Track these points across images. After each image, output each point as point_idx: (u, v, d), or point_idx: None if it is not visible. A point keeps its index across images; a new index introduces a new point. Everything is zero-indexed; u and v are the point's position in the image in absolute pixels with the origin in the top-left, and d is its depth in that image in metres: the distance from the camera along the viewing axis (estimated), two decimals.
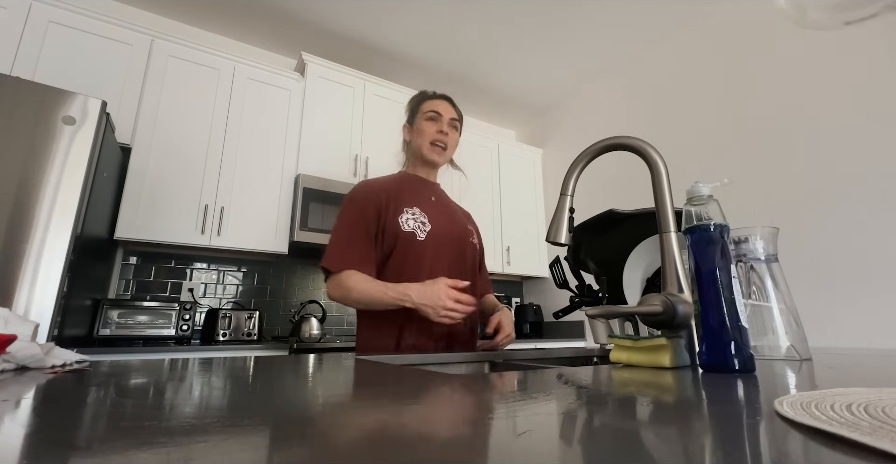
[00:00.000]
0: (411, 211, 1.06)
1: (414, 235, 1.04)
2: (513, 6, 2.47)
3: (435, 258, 1.04)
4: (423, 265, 1.03)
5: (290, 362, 0.62)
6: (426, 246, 1.04)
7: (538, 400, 0.31)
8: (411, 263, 1.03)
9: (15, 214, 1.36)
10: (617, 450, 0.18)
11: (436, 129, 1.11)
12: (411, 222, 1.05)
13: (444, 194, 1.21)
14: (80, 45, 2.00)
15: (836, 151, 1.86)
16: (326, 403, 0.31)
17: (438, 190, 1.19)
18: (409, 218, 1.05)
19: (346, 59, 2.90)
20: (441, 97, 1.17)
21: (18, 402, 0.30)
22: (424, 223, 1.06)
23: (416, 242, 1.04)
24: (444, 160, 1.15)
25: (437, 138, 1.11)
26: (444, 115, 1.13)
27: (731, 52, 2.34)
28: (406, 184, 1.13)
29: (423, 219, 1.06)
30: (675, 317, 0.59)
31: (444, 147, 1.12)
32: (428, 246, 1.04)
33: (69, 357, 0.53)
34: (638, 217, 0.92)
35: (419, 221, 1.06)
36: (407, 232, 1.03)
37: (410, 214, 1.05)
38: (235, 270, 2.47)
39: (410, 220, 1.05)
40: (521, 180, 3.41)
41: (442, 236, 1.07)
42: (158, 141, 2.11)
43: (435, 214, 1.10)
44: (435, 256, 1.05)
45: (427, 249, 1.04)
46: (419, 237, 1.04)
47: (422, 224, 1.06)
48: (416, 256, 1.03)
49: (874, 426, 0.19)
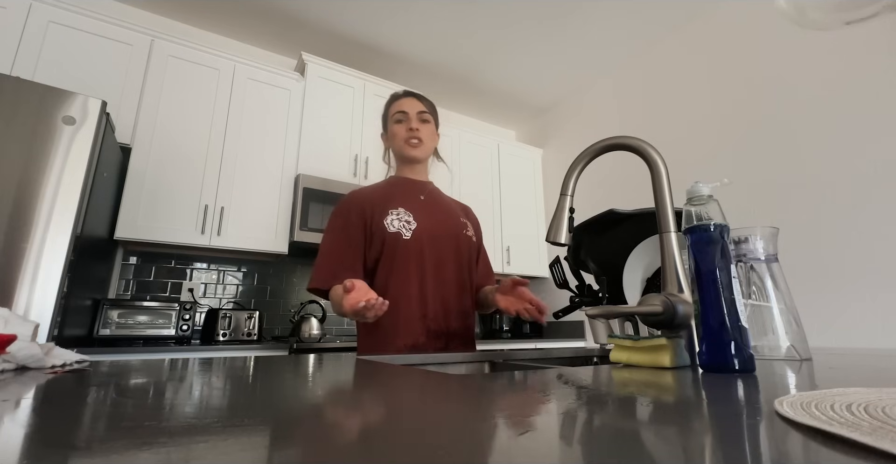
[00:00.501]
0: (396, 212, 1.07)
1: (399, 235, 1.05)
2: (513, 7, 2.47)
3: (422, 255, 1.05)
4: (411, 263, 1.04)
5: (290, 362, 0.62)
6: (412, 244, 1.05)
7: (538, 400, 0.31)
8: (399, 263, 1.03)
9: (15, 214, 1.36)
10: (617, 450, 0.18)
11: (405, 128, 1.13)
12: (396, 223, 1.06)
13: (436, 191, 1.20)
14: (80, 45, 2.00)
15: (836, 150, 1.86)
16: (326, 403, 0.31)
17: (430, 188, 1.19)
18: (394, 219, 1.06)
19: (346, 59, 2.90)
20: (405, 95, 1.17)
21: (18, 402, 0.30)
22: (409, 222, 1.07)
23: (402, 241, 1.04)
24: (423, 153, 1.15)
25: (408, 137, 1.12)
26: (410, 112, 1.14)
27: (731, 52, 2.34)
28: (394, 187, 1.14)
29: (407, 218, 1.07)
30: (675, 317, 0.59)
31: (419, 141, 1.13)
32: (414, 244, 1.05)
33: (69, 357, 0.53)
34: (638, 217, 0.92)
35: (403, 221, 1.06)
36: (392, 232, 1.04)
37: (395, 215, 1.07)
38: (235, 270, 2.47)
39: (395, 220, 1.06)
40: (521, 180, 3.41)
41: (429, 233, 1.08)
42: (158, 141, 2.11)
43: (422, 211, 1.10)
44: (422, 253, 1.05)
45: (413, 246, 1.05)
46: (405, 236, 1.05)
47: (406, 223, 1.06)
48: (403, 255, 1.04)
49: (874, 426, 0.19)
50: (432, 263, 1.06)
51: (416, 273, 1.03)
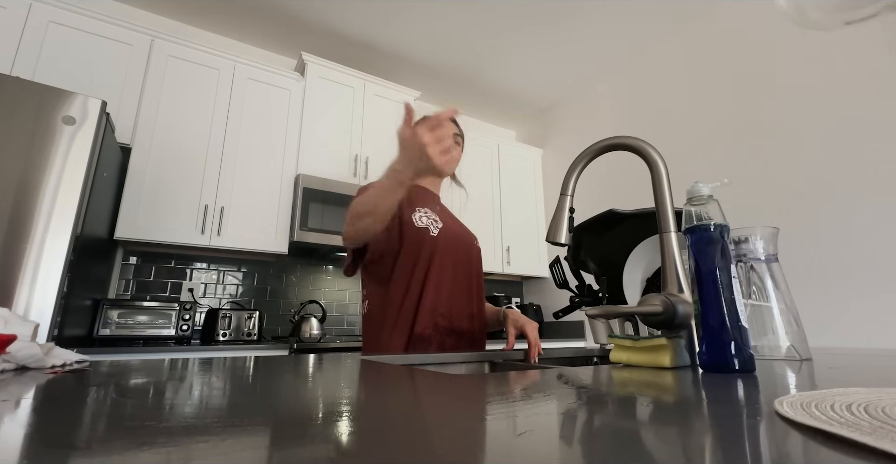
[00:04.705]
0: (423, 210, 1.10)
1: (427, 231, 1.07)
2: (513, 7, 2.47)
3: (444, 255, 1.07)
4: (434, 260, 1.05)
5: (290, 363, 0.62)
6: (438, 242, 1.07)
7: (538, 400, 0.31)
8: (424, 257, 1.05)
9: (15, 214, 1.36)
10: (617, 450, 0.18)
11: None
12: (424, 219, 1.08)
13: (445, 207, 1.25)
14: (80, 45, 2.00)
15: (837, 150, 1.86)
16: (326, 403, 0.31)
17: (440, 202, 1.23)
18: (423, 215, 1.09)
19: (346, 59, 2.90)
20: None
21: (18, 402, 0.30)
22: (437, 221, 1.10)
23: (429, 237, 1.06)
24: (450, 170, 1.19)
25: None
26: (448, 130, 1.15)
27: (730, 51, 2.34)
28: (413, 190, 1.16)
29: (435, 217, 1.10)
30: (675, 317, 0.59)
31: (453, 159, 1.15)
32: (439, 242, 1.07)
33: (69, 357, 0.53)
34: (638, 217, 0.92)
35: (432, 219, 1.09)
36: (421, 228, 1.06)
37: (423, 212, 1.09)
38: (235, 270, 2.47)
39: (423, 217, 1.08)
40: (521, 180, 3.41)
41: (453, 235, 1.11)
42: (158, 141, 2.11)
43: (444, 215, 1.14)
44: (445, 253, 1.07)
45: (438, 244, 1.07)
46: (432, 233, 1.07)
47: (434, 221, 1.09)
48: (428, 250, 1.05)
49: (874, 426, 0.19)
50: (453, 262, 1.08)
51: (437, 269, 1.05)
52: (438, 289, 1.05)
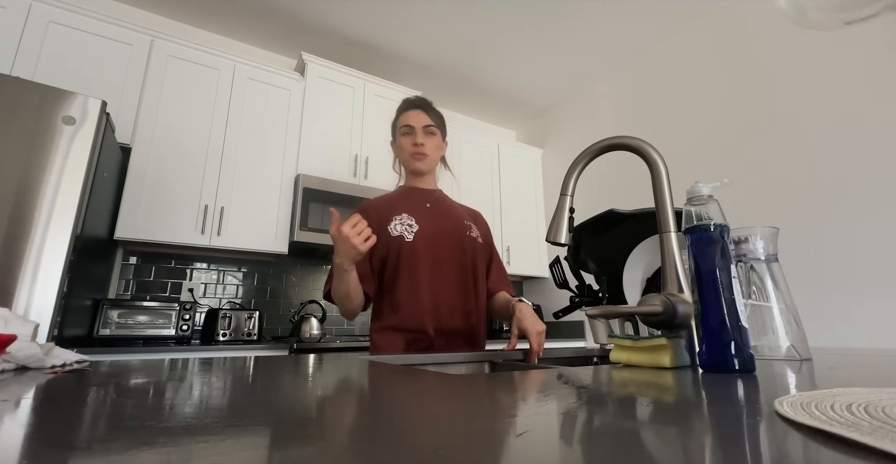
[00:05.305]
0: (400, 218, 1.13)
1: (402, 238, 1.10)
2: (513, 6, 2.47)
3: (424, 254, 1.09)
4: (415, 263, 1.08)
5: (290, 363, 0.62)
6: (415, 245, 1.10)
7: (538, 400, 0.31)
8: (403, 263, 1.09)
9: (15, 214, 1.36)
10: (617, 450, 0.18)
11: (410, 142, 1.17)
12: (399, 227, 1.11)
13: (443, 198, 1.24)
14: (80, 45, 2.00)
15: (837, 150, 1.86)
16: (325, 402, 0.31)
17: (437, 195, 1.23)
18: (398, 224, 1.12)
19: (346, 59, 2.90)
20: (412, 107, 1.19)
21: (18, 402, 0.30)
22: (412, 225, 1.12)
23: (405, 243, 1.09)
24: (428, 166, 1.19)
25: (413, 151, 1.16)
26: (416, 125, 1.17)
27: (730, 51, 2.34)
28: (401, 196, 1.19)
29: (409, 222, 1.13)
30: (675, 317, 0.59)
31: (423, 155, 1.16)
32: (417, 244, 1.10)
33: (69, 357, 0.53)
34: (638, 217, 0.92)
35: (406, 225, 1.12)
36: (395, 236, 1.10)
37: (399, 221, 1.12)
38: (235, 270, 2.47)
39: (398, 225, 1.12)
40: (521, 180, 3.41)
41: (431, 235, 1.12)
42: (158, 141, 2.11)
43: (425, 216, 1.15)
44: (424, 252, 1.10)
45: (416, 248, 1.09)
46: (407, 239, 1.10)
47: (409, 226, 1.12)
48: (407, 256, 1.09)
49: (874, 426, 0.19)
50: (433, 261, 1.10)
51: (418, 273, 1.08)
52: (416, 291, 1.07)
